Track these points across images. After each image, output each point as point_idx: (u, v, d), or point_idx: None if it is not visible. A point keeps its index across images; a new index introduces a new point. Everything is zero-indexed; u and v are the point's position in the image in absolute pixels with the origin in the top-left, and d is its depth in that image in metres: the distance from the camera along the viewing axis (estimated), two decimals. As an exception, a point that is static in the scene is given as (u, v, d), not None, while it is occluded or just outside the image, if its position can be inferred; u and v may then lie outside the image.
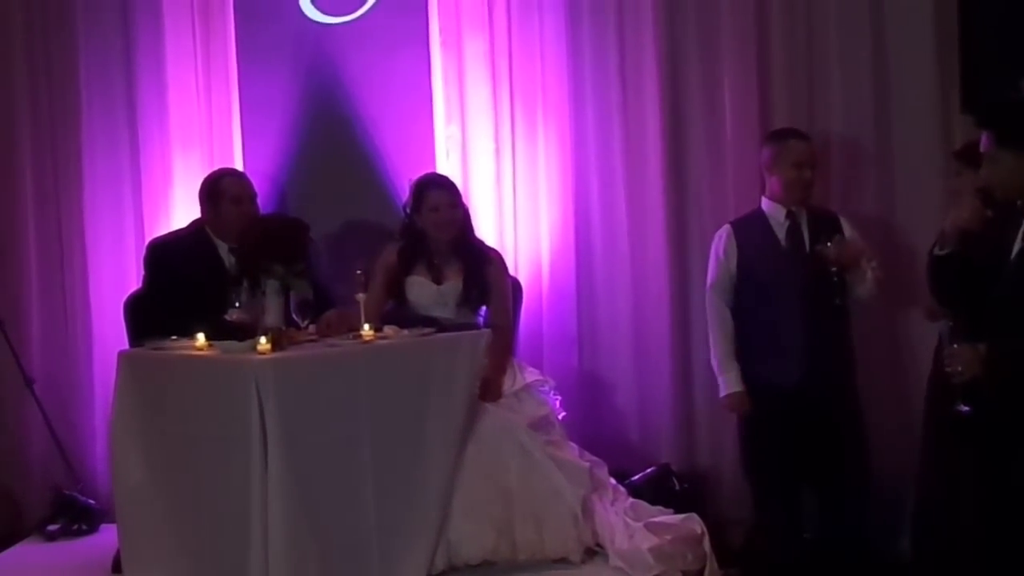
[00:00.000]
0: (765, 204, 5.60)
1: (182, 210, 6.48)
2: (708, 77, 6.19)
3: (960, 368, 4.14)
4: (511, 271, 6.04)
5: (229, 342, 4.92)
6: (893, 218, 5.97)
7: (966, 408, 4.17)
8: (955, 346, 4.17)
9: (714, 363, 5.66)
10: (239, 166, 6.48)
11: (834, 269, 5.27)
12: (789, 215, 5.51)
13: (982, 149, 4.37)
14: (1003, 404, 4.16)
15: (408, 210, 5.71)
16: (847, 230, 5.51)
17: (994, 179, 4.39)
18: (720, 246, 5.63)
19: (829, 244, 5.27)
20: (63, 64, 6.71)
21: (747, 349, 5.58)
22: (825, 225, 5.49)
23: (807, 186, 5.51)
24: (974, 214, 4.54)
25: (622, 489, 5.47)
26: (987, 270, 4.32)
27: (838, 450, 5.45)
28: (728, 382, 5.58)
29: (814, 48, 6.09)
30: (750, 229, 5.61)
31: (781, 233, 5.52)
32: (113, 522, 5.37)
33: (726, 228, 5.67)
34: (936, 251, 4.64)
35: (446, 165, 6.42)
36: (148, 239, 6.27)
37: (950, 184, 5.25)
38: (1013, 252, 4.24)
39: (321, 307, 5.26)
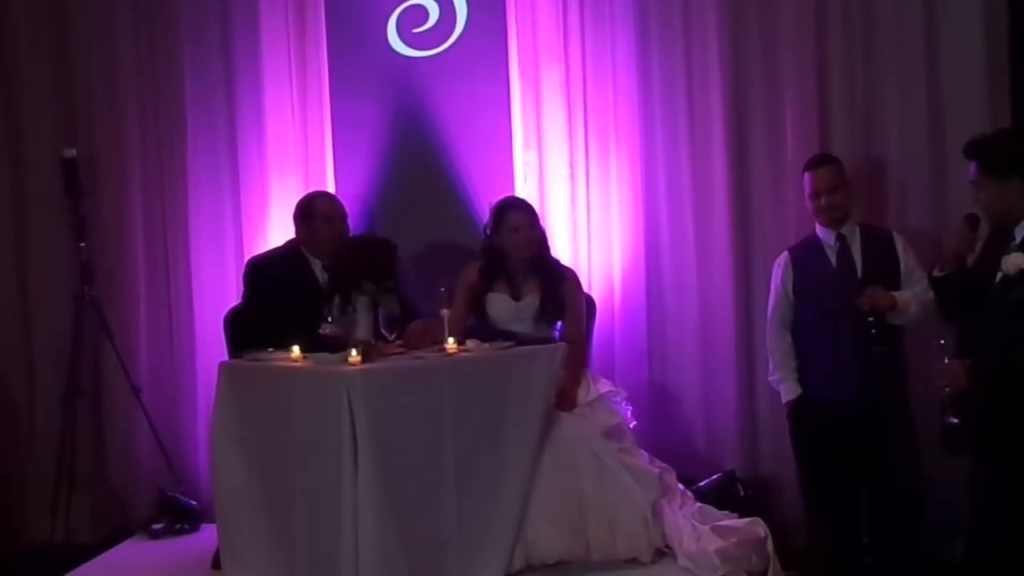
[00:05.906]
0: (818, 228, 5.55)
1: (278, 230, 6.51)
2: (770, 105, 6.16)
3: (947, 382, 4.24)
4: (585, 288, 6.04)
5: (322, 354, 4.96)
6: (946, 234, 5.82)
7: (955, 420, 4.24)
8: (945, 361, 4.27)
9: (773, 379, 5.66)
10: (331, 189, 6.50)
11: (871, 320, 5.16)
12: (839, 238, 5.46)
13: (970, 178, 4.47)
14: (988, 415, 4.23)
15: (488, 231, 5.72)
16: (900, 246, 5.44)
17: (980, 205, 4.50)
18: (779, 273, 5.60)
19: (862, 296, 5.18)
20: (169, 92, 6.74)
21: (804, 364, 5.54)
22: (879, 243, 5.45)
23: (832, 209, 5.43)
24: (963, 239, 4.56)
25: (690, 494, 5.45)
26: (982, 290, 4.37)
27: (889, 460, 5.36)
28: (788, 390, 5.55)
29: (871, 75, 6.03)
30: (806, 254, 5.56)
31: (833, 256, 5.47)
32: (213, 522, 5.42)
33: (784, 256, 5.63)
34: (934, 273, 4.66)
35: (524, 189, 6.41)
36: (247, 258, 6.27)
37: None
38: (997, 277, 4.31)
39: (407, 322, 5.27)
